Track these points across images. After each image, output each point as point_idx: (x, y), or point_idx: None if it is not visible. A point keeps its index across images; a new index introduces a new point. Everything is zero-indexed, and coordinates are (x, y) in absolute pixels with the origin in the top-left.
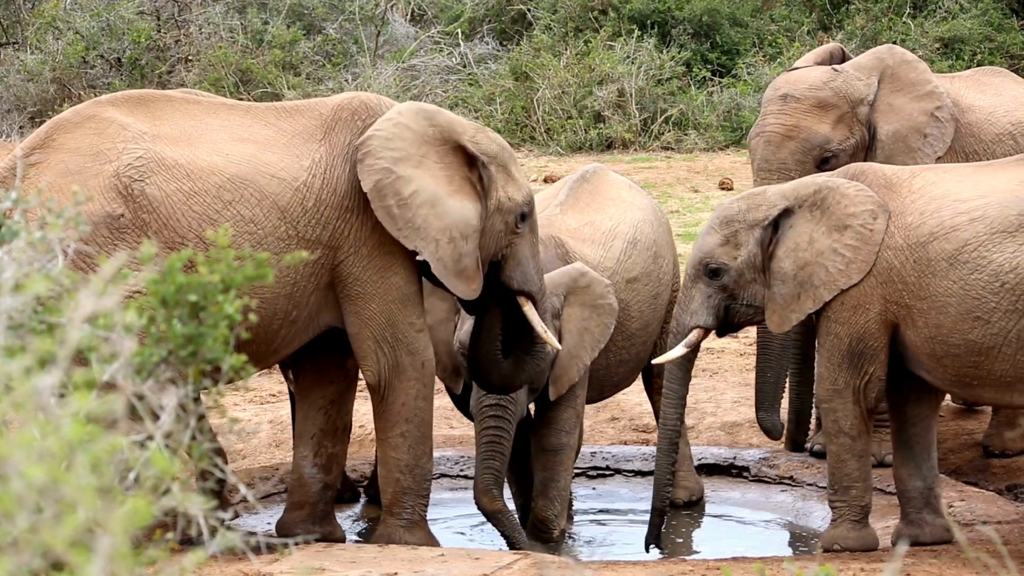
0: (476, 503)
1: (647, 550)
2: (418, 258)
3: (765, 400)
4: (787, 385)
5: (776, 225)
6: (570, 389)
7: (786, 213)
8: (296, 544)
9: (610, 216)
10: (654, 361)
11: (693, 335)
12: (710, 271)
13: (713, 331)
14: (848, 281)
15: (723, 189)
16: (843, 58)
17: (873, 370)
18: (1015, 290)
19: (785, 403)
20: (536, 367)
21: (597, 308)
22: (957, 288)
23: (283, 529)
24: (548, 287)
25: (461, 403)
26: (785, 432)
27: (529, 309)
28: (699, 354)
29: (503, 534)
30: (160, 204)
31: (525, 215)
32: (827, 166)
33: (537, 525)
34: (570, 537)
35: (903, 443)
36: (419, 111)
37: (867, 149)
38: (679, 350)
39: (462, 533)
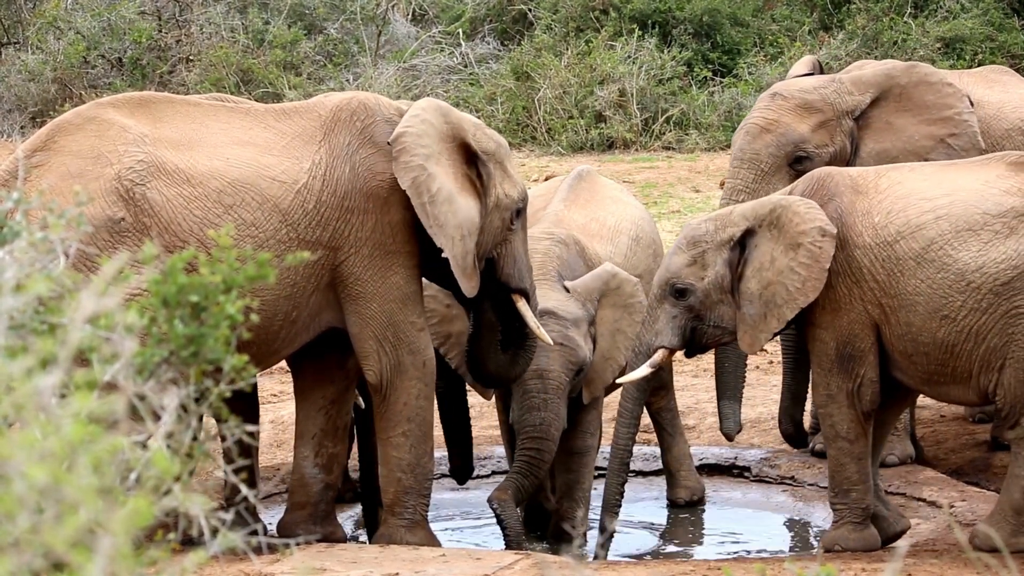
0: (489, 498)
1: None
2: (443, 255)
3: (728, 390)
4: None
5: (742, 245)
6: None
7: (749, 233)
8: (297, 544)
9: (612, 213)
10: (618, 380)
11: (658, 355)
12: (676, 291)
13: (680, 352)
14: (805, 299)
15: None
16: (821, 71)
17: (864, 372)
18: (980, 289)
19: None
20: (529, 363)
21: (629, 307)
22: (925, 287)
23: (284, 529)
24: (583, 294)
25: (446, 400)
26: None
27: (523, 305)
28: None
29: (502, 525)
30: (161, 208)
31: (520, 211)
32: (800, 166)
33: (562, 526)
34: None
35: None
36: (437, 108)
37: (847, 163)
38: (644, 370)
39: (463, 533)
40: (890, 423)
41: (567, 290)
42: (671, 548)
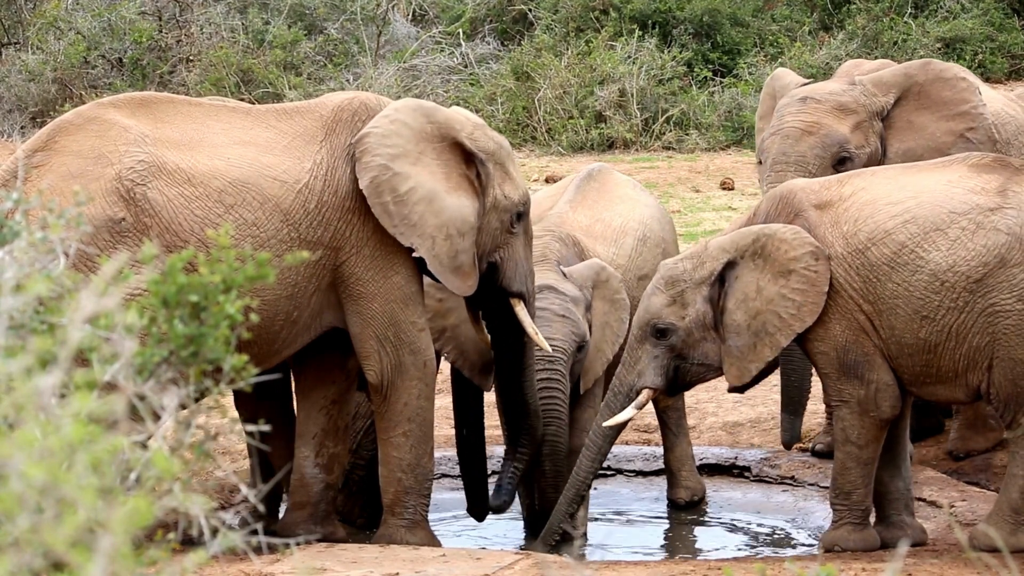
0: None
1: None
2: (414, 255)
3: (790, 403)
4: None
5: (722, 279)
6: (592, 388)
7: (730, 265)
8: (297, 544)
9: (619, 213)
10: (604, 423)
11: (642, 396)
12: (657, 331)
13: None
14: (802, 324)
15: (724, 189)
16: None
17: (876, 376)
18: (955, 288)
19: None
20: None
21: (614, 303)
22: (902, 290)
23: (284, 529)
24: (578, 280)
25: (460, 404)
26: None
27: (520, 310)
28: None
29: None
30: (162, 208)
31: (521, 214)
32: (843, 167)
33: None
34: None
35: (884, 446)
36: (416, 108)
37: (879, 164)
38: (629, 412)
39: (463, 533)
40: (903, 421)
41: (564, 275)
42: (671, 548)
